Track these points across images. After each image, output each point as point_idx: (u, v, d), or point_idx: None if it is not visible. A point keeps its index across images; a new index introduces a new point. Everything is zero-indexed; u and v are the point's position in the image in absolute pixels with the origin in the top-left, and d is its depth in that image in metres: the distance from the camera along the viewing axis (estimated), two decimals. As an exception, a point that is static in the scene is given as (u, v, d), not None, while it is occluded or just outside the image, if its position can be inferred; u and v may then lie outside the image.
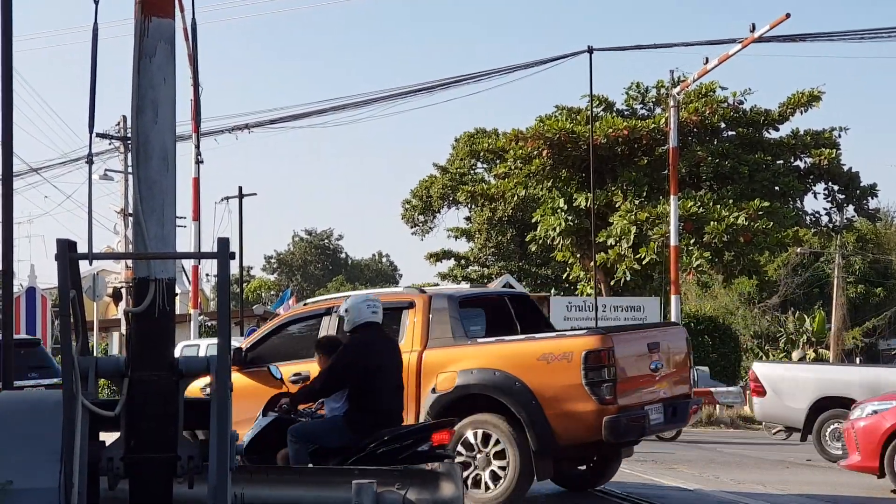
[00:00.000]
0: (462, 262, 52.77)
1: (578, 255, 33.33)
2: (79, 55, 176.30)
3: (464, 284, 29.31)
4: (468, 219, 52.10)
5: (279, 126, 27.79)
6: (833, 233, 39.47)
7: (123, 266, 35.52)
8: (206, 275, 46.10)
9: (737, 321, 42.24)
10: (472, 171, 50.21)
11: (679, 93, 27.15)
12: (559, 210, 31.95)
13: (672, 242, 25.92)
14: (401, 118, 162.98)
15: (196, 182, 25.99)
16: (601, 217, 30.51)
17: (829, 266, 48.86)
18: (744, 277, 35.58)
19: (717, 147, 32.33)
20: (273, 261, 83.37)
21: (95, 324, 29.93)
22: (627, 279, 30.73)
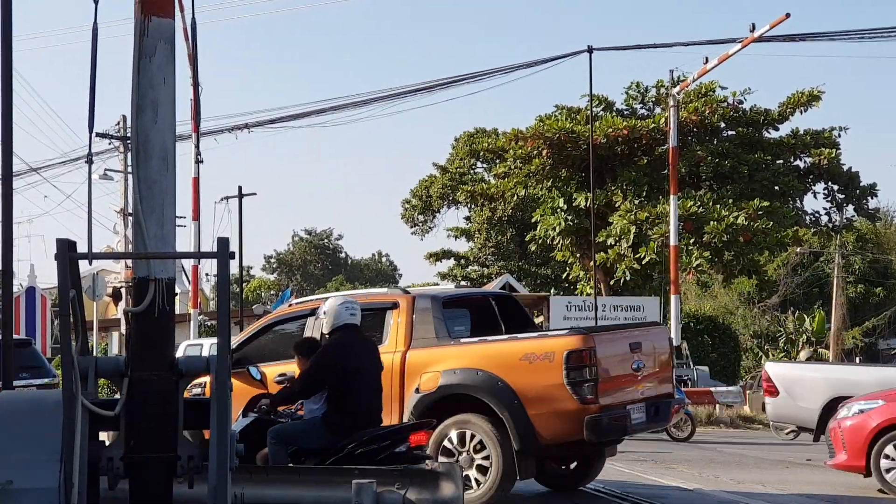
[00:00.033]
0: (462, 262, 52.74)
1: (578, 255, 33.32)
2: (79, 55, 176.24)
3: (449, 285, 29.29)
4: (468, 218, 52.08)
5: (279, 126, 27.82)
6: (833, 232, 39.45)
7: (123, 266, 35.51)
8: (206, 274, 46.18)
9: (736, 321, 42.23)
10: (472, 171, 50.20)
11: (679, 92, 27.14)
12: (559, 210, 31.94)
13: (672, 242, 25.92)
14: (400, 118, 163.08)
15: (196, 182, 25.99)
16: (601, 217, 30.50)
17: (829, 266, 48.85)
18: (743, 277, 35.57)
19: (717, 147, 32.31)
20: (273, 260, 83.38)
21: (95, 323, 29.93)
22: (627, 279, 30.72)
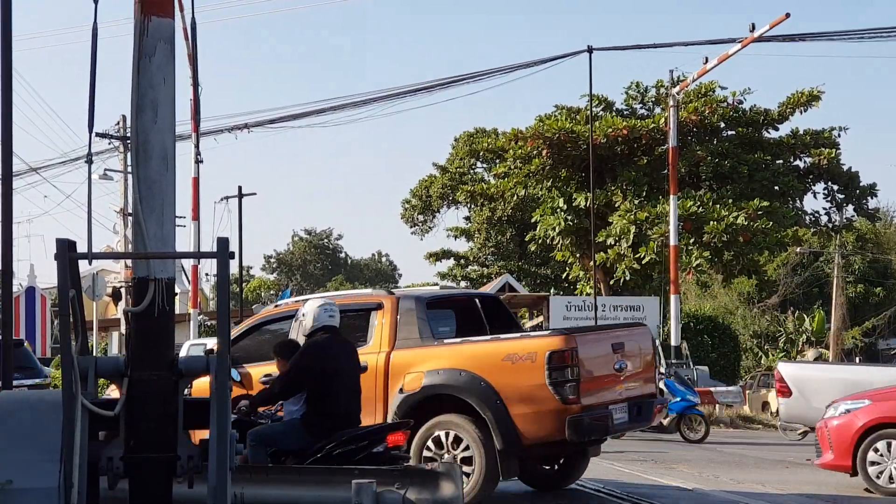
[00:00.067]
0: (461, 262, 52.75)
1: (578, 255, 33.32)
2: (79, 55, 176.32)
3: (434, 287, 29.35)
4: (468, 218, 52.09)
5: (278, 126, 27.82)
6: (832, 232, 39.43)
7: (123, 266, 35.52)
8: (206, 274, 46.19)
9: (736, 321, 42.21)
10: (472, 171, 50.21)
11: (678, 92, 27.15)
12: (559, 210, 31.94)
13: (671, 242, 25.92)
14: (400, 118, 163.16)
15: (195, 182, 25.99)
16: (601, 217, 30.51)
17: (829, 266, 48.86)
18: (743, 277, 35.57)
19: (717, 147, 32.31)
20: (272, 260, 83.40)
21: (95, 323, 29.96)
22: (627, 279, 30.71)
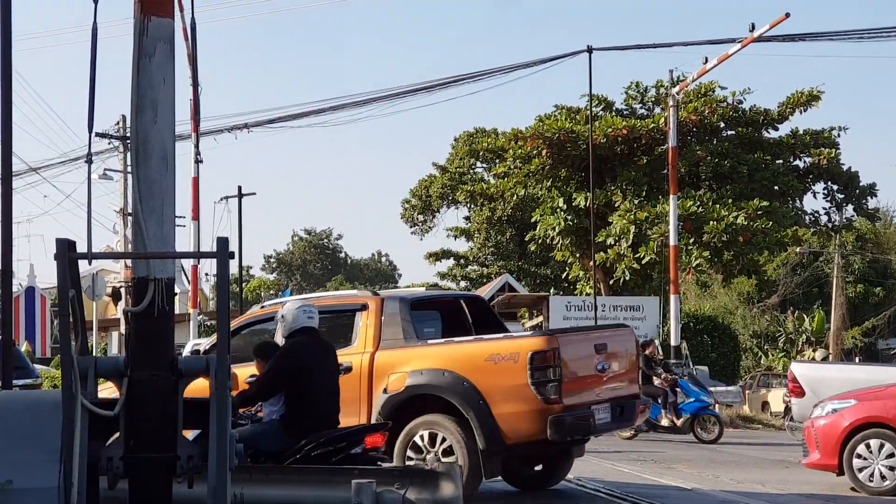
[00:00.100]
0: (461, 262, 52.76)
1: (578, 255, 33.31)
2: (79, 55, 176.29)
3: (419, 288, 29.40)
4: (467, 218, 52.09)
5: (278, 125, 27.79)
6: (832, 232, 39.42)
7: (123, 265, 35.52)
8: (206, 274, 46.19)
9: (736, 321, 42.18)
10: (472, 171, 50.21)
11: (678, 92, 27.12)
12: (558, 209, 31.93)
13: (671, 242, 25.91)
14: (400, 118, 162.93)
15: (195, 181, 25.98)
16: (600, 216, 30.50)
17: (829, 266, 48.85)
18: (743, 277, 35.55)
19: (717, 147, 32.29)
20: (272, 260, 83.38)
21: (95, 323, 29.94)
22: (627, 279, 30.70)
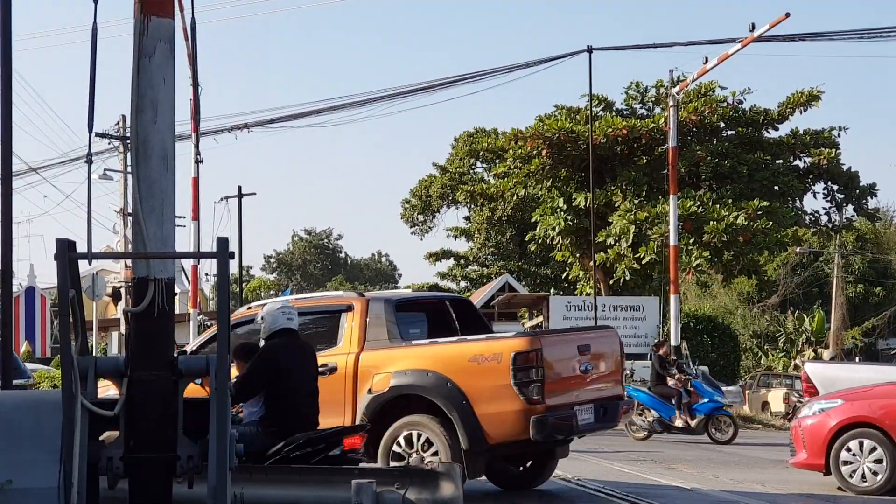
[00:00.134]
0: (461, 262, 52.77)
1: (578, 255, 33.32)
2: (79, 55, 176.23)
3: (406, 290, 29.46)
4: (467, 218, 52.10)
5: (278, 125, 27.78)
6: (832, 232, 39.42)
7: (123, 266, 35.51)
8: (206, 274, 46.22)
9: (736, 321, 42.19)
10: (472, 171, 50.22)
11: (678, 92, 27.11)
12: (558, 209, 31.93)
13: (671, 242, 25.91)
14: (400, 118, 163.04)
15: (195, 181, 25.97)
16: (600, 216, 30.50)
17: (829, 266, 48.85)
18: (743, 277, 35.55)
19: (717, 147, 32.30)
20: (272, 260, 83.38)
21: (95, 323, 29.93)
22: (627, 279, 30.71)
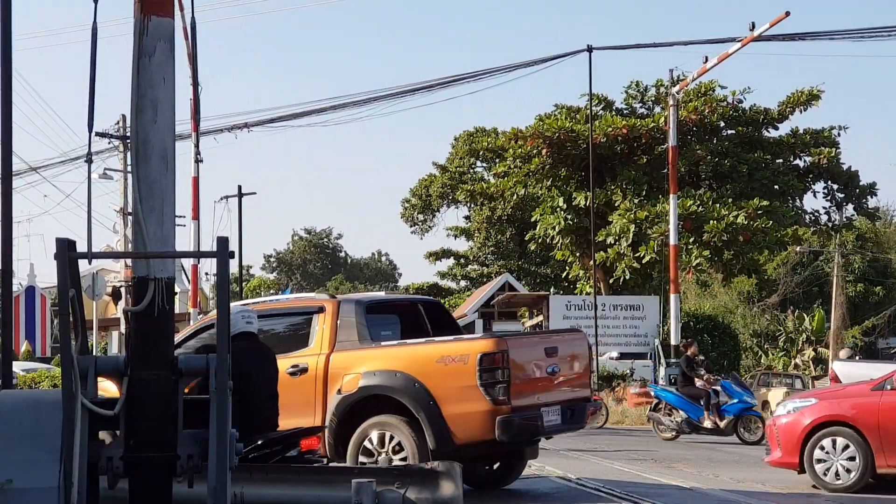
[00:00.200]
0: (461, 261, 52.77)
1: (578, 254, 33.33)
2: (79, 55, 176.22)
3: (379, 293, 29.55)
4: (467, 218, 52.11)
5: (279, 125, 27.84)
6: (832, 231, 39.44)
7: (123, 265, 35.50)
8: (206, 274, 46.19)
9: (736, 320, 42.17)
10: (472, 170, 50.23)
11: (678, 92, 27.12)
12: (558, 209, 31.94)
13: (671, 241, 25.92)
14: (401, 117, 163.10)
15: (195, 181, 26.00)
16: (600, 216, 30.51)
17: (829, 265, 48.83)
18: (743, 276, 35.59)
19: (717, 146, 32.32)
20: (272, 260, 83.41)
21: (95, 323, 29.93)
22: (627, 278, 30.72)
